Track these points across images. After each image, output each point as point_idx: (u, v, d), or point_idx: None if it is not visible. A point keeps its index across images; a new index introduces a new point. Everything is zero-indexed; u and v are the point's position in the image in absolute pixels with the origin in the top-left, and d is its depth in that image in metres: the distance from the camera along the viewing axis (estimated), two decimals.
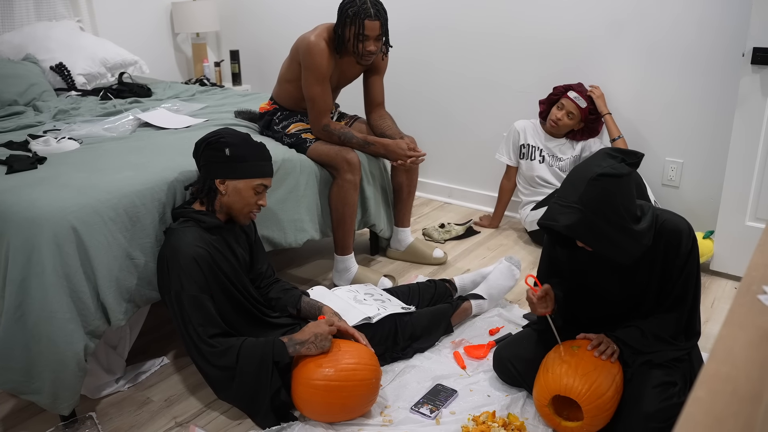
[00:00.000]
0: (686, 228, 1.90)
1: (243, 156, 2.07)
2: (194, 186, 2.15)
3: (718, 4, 2.92)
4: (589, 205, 1.74)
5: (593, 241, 1.78)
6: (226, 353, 1.96)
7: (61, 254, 1.88)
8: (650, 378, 1.91)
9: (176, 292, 1.97)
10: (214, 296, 2.02)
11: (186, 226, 2.05)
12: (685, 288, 1.93)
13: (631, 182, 1.79)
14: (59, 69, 3.52)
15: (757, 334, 0.94)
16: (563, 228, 1.77)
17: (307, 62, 2.64)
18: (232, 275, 2.09)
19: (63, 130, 2.72)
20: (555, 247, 2.10)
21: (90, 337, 1.96)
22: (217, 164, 2.06)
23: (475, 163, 3.85)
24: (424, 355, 2.36)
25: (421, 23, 3.81)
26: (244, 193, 2.09)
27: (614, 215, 1.75)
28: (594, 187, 1.74)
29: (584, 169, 1.79)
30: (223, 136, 2.07)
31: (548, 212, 1.83)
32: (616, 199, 1.75)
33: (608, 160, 1.79)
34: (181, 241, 1.99)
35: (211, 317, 1.98)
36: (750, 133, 2.75)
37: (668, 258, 1.91)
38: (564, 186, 1.83)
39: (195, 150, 2.13)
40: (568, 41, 3.35)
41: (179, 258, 1.97)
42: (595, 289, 2.04)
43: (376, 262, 3.17)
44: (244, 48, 4.72)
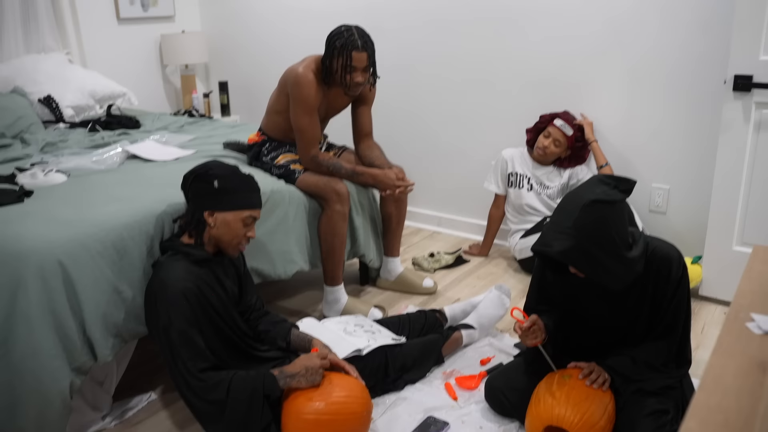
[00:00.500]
0: (676, 256, 1.91)
1: (232, 188, 2.07)
2: (182, 219, 2.14)
3: (700, 33, 2.97)
4: (582, 231, 1.75)
5: (586, 267, 1.79)
6: (216, 387, 1.93)
7: (46, 289, 1.86)
8: (643, 406, 1.90)
9: (164, 326, 1.94)
10: (203, 330, 2.00)
11: (174, 259, 2.04)
12: (676, 315, 1.93)
13: (623, 209, 1.81)
14: (47, 101, 3.52)
15: (746, 363, 0.94)
16: (557, 254, 1.77)
17: (296, 93, 2.66)
18: (221, 309, 2.07)
19: (50, 162, 2.71)
20: (546, 274, 2.10)
21: (76, 373, 1.93)
22: (205, 196, 2.06)
23: (464, 191, 3.87)
24: (415, 387, 2.34)
25: (409, 54, 3.85)
26: (233, 225, 2.08)
27: (607, 242, 1.76)
28: (587, 214, 1.75)
29: (577, 196, 1.80)
30: (211, 168, 2.07)
31: (542, 238, 1.83)
32: (609, 226, 1.76)
33: (601, 187, 1.81)
34: (170, 275, 1.98)
35: (200, 351, 1.96)
36: (734, 159, 2.78)
37: (659, 285, 1.91)
38: (557, 212, 1.84)
39: (183, 182, 2.12)
40: (553, 71, 3.39)
41: (167, 292, 1.95)
42: (586, 316, 2.04)
43: (366, 292, 3.15)
44: (233, 79, 4.74)
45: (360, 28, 2.62)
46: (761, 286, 1.19)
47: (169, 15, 4.59)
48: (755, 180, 2.76)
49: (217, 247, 2.13)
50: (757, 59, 2.64)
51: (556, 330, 2.08)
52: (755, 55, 2.64)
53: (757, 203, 2.78)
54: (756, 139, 2.73)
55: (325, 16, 4.12)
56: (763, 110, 2.69)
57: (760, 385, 0.87)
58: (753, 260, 1.28)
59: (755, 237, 2.81)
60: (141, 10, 4.41)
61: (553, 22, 3.33)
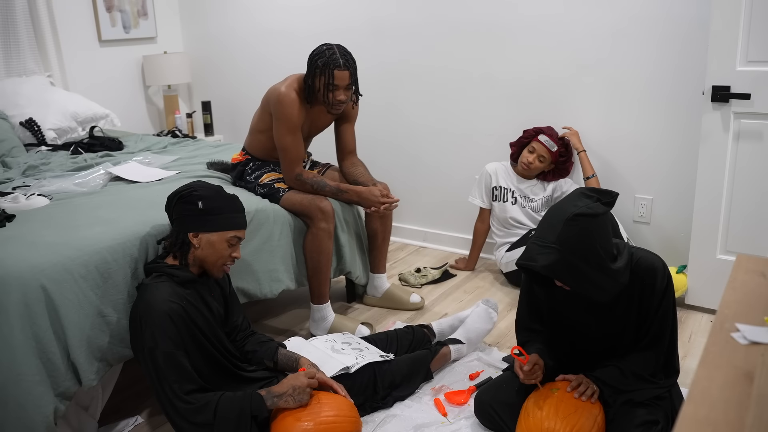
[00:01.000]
0: (661, 266, 1.92)
1: (216, 209, 2.06)
2: (167, 240, 2.12)
3: (678, 45, 3.02)
4: (566, 245, 1.75)
5: (571, 281, 1.79)
6: (203, 409, 1.91)
7: (29, 314, 1.84)
8: (632, 417, 1.90)
9: (149, 349, 1.92)
10: (189, 352, 1.98)
11: (159, 281, 2.02)
12: (662, 325, 1.94)
13: (607, 221, 1.82)
14: (29, 124, 3.49)
15: (732, 374, 0.94)
16: (542, 268, 1.78)
17: (278, 112, 2.66)
18: (207, 330, 2.06)
19: (32, 186, 2.69)
20: (533, 288, 2.10)
21: (60, 399, 1.90)
22: (190, 218, 2.05)
23: (449, 206, 3.88)
24: (404, 404, 2.33)
25: (391, 70, 3.87)
26: (218, 246, 2.07)
27: (591, 255, 1.77)
28: (571, 228, 1.76)
29: (561, 210, 1.81)
30: (195, 189, 2.06)
31: (526, 252, 1.84)
32: (593, 239, 1.76)
33: (584, 200, 1.82)
34: (154, 297, 1.96)
35: (186, 373, 1.94)
36: (715, 169, 2.81)
37: (644, 296, 1.92)
38: (541, 226, 1.84)
39: (167, 204, 2.11)
40: (535, 85, 3.43)
41: (152, 314, 1.93)
42: (574, 328, 2.04)
43: (353, 309, 3.14)
44: (216, 99, 4.74)
45: (341, 47, 2.64)
46: (745, 295, 1.20)
47: (151, 36, 4.59)
48: (736, 189, 2.79)
49: (201, 268, 2.11)
50: (734, 70, 2.68)
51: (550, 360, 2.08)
52: (732, 66, 2.68)
53: (738, 211, 2.81)
54: (735, 148, 2.77)
55: (307, 35, 4.14)
56: (742, 120, 2.73)
57: (747, 396, 0.87)
58: (736, 270, 1.29)
59: (738, 245, 2.84)
60: (123, 32, 4.41)
61: (535, 36, 3.37)
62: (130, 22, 4.44)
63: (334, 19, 4.01)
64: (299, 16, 4.15)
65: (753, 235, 2.80)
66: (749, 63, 2.66)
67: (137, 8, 4.47)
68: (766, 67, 2.63)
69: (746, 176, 2.77)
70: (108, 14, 4.30)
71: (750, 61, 2.66)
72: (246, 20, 4.42)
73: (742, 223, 2.82)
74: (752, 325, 1.09)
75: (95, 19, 4.24)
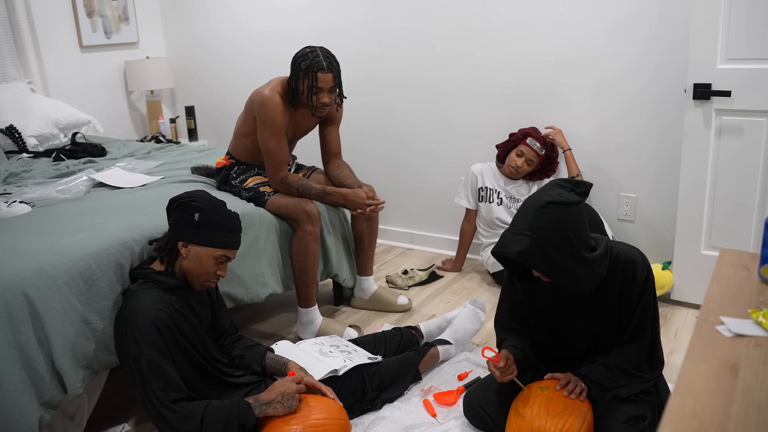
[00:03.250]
0: (640, 258, 1.93)
1: (211, 224, 2.03)
2: (159, 242, 2.11)
3: (659, 44, 3.04)
4: (538, 231, 1.77)
5: (545, 268, 1.80)
6: (190, 418, 1.89)
7: (12, 323, 1.82)
8: (619, 413, 1.91)
9: (134, 356, 1.90)
10: (175, 360, 1.96)
11: (145, 287, 2.00)
12: (644, 317, 1.95)
13: (580, 211, 1.83)
14: (9, 131, 3.46)
15: (718, 366, 0.95)
16: (514, 254, 1.79)
17: (262, 116, 2.65)
18: (193, 337, 2.04)
19: (14, 193, 2.66)
20: (514, 285, 2.11)
21: (45, 408, 1.88)
22: (183, 226, 2.02)
23: (435, 207, 3.88)
24: (393, 405, 2.33)
25: (375, 72, 3.87)
26: (205, 261, 2.04)
27: (564, 242, 1.78)
28: (543, 214, 1.77)
29: (534, 199, 1.83)
30: (196, 200, 2.03)
31: (500, 241, 1.85)
32: (565, 226, 1.78)
33: (557, 190, 1.84)
34: (140, 304, 1.94)
35: (171, 381, 1.92)
36: (698, 165, 2.84)
37: (624, 288, 1.93)
38: (516, 216, 1.86)
39: (168, 206, 2.10)
40: (519, 86, 3.44)
41: (137, 321, 1.91)
42: (556, 325, 2.05)
43: (341, 312, 3.14)
44: (200, 103, 4.72)
45: (325, 49, 2.63)
46: (729, 289, 1.21)
47: (133, 41, 4.57)
48: (719, 185, 2.82)
49: (184, 278, 2.09)
50: (715, 67, 2.71)
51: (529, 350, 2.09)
52: (712, 63, 2.71)
53: (721, 207, 2.84)
54: (718, 144, 2.79)
55: (290, 38, 4.13)
56: (723, 117, 2.76)
57: (733, 388, 0.88)
58: (720, 264, 1.30)
59: (722, 240, 2.87)
60: (104, 37, 4.38)
61: (519, 37, 3.38)
62: (111, 28, 4.42)
63: (318, 23, 4.00)
64: (282, 20, 4.15)
65: (736, 230, 2.83)
66: (729, 61, 2.69)
67: (118, 13, 4.45)
68: (745, 64, 2.66)
69: (728, 172, 2.79)
70: (89, 19, 4.27)
71: (730, 59, 2.69)
72: (228, 24, 4.41)
73: (725, 218, 2.84)
74: (736, 318, 1.09)
75: (76, 25, 4.21)
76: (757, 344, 1.01)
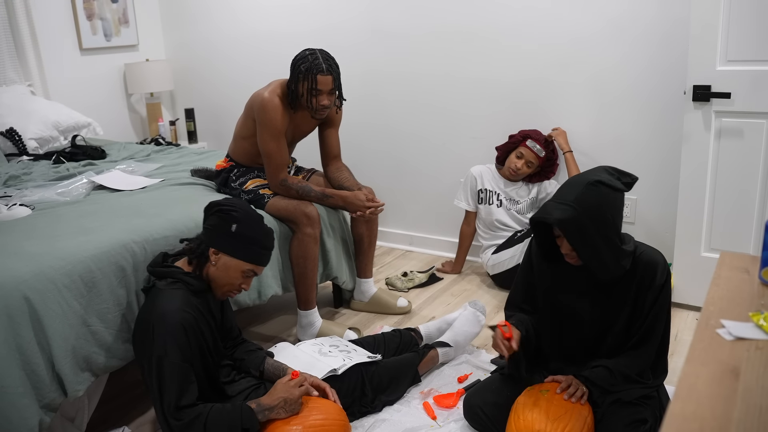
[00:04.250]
0: (662, 261, 1.95)
1: (247, 237, 2.02)
2: (190, 243, 2.10)
3: (659, 47, 3.04)
4: (583, 206, 1.80)
5: (579, 244, 1.82)
6: (193, 424, 1.88)
7: (12, 325, 1.81)
8: (621, 417, 1.91)
9: (159, 357, 1.89)
10: (193, 363, 1.95)
11: (175, 287, 1.99)
12: (655, 321, 1.95)
13: (622, 200, 1.87)
14: (10, 134, 3.46)
15: (718, 369, 0.95)
16: (555, 221, 1.81)
17: (262, 118, 2.65)
18: (211, 340, 2.04)
19: (14, 196, 2.66)
20: (532, 266, 2.11)
21: (45, 410, 1.87)
22: (218, 234, 2.02)
23: (435, 209, 3.88)
24: (393, 408, 2.32)
25: (375, 74, 3.87)
26: (232, 272, 2.04)
27: (602, 223, 1.81)
28: (590, 191, 1.81)
29: (583, 176, 1.87)
30: (235, 210, 2.03)
31: (542, 208, 1.87)
32: (607, 209, 1.82)
33: (606, 174, 1.88)
34: (170, 305, 1.93)
35: (188, 386, 1.91)
36: (697, 167, 2.84)
37: (642, 288, 1.94)
38: (561, 189, 1.89)
39: (206, 208, 2.10)
40: (518, 87, 3.44)
41: (166, 323, 1.90)
42: (568, 311, 2.04)
43: (340, 314, 3.13)
44: (199, 106, 4.72)
45: (324, 52, 2.63)
46: (729, 292, 1.21)
47: (133, 44, 4.57)
48: (719, 187, 2.82)
49: (209, 283, 2.09)
50: (714, 69, 2.71)
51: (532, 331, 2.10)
52: (712, 65, 2.71)
53: (721, 209, 2.84)
54: (717, 146, 2.79)
55: (289, 41, 4.13)
56: (723, 119, 2.76)
57: (734, 391, 0.88)
58: (720, 267, 1.30)
59: (722, 242, 2.87)
60: (104, 40, 4.38)
61: (518, 39, 3.38)
62: (111, 30, 4.42)
63: (318, 25, 4.01)
64: (281, 22, 4.15)
65: (736, 232, 2.83)
66: (729, 62, 2.69)
67: (118, 16, 4.45)
68: (745, 66, 2.67)
69: (728, 174, 2.80)
70: (89, 22, 4.27)
71: (730, 61, 2.69)
72: (228, 26, 4.41)
73: (725, 220, 2.84)
74: (737, 321, 1.09)
75: (76, 27, 4.21)
76: (757, 347, 1.01)
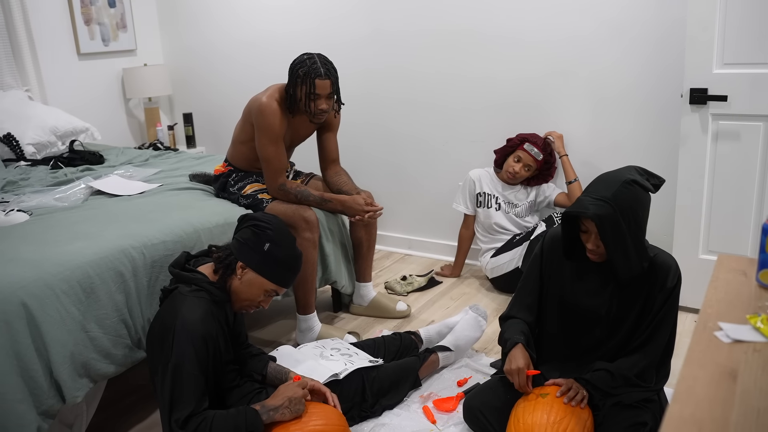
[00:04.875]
0: (675, 265, 1.97)
1: (278, 259, 2.01)
2: (219, 253, 2.07)
3: (656, 50, 3.05)
4: (619, 203, 1.83)
5: (611, 241, 1.85)
6: (197, 431, 1.87)
7: (10, 332, 1.81)
8: (621, 419, 1.91)
9: (176, 364, 1.87)
10: (207, 374, 1.94)
11: (198, 296, 1.97)
12: (662, 323, 1.95)
13: (649, 201, 1.91)
14: (7, 139, 3.46)
15: (716, 372, 0.95)
16: (593, 216, 1.83)
17: (260, 123, 2.65)
18: (225, 351, 2.03)
19: (12, 202, 2.66)
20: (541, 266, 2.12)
21: (43, 417, 1.87)
22: (249, 249, 2.00)
23: (433, 213, 3.88)
24: (393, 412, 2.32)
25: (373, 78, 3.88)
26: (255, 289, 2.02)
27: (635, 223, 1.85)
28: (627, 190, 1.85)
29: (617, 174, 1.90)
30: (271, 228, 2.01)
31: (577, 203, 1.89)
32: (639, 209, 1.87)
33: (637, 175, 1.91)
34: (194, 314, 1.91)
35: (199, 396, 1.89)
36: (695, 170, 2.85)
37: (653, 290, 1.95)
38: (594, 185, 1.91)
39: (240, 219, 2.09)
40: (516, 90, 3.45)
41: (189, 331, 1.88)
42: (575, 311, 2.05)
43: (340, 318, 3.13)
44: (197, 110, 4.72)
45: (322, 56, 2.64)
46: (727, 294, 1.21)
47: (131, 49, 4.57)
48: (716, 189, 2.83)
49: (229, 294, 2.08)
50: (711, 73, 2.72)
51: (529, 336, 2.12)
52: (708, 68, 2.72)
53: (719, 212, 2.84)
54: (714, 149, 2.80)
55: (287, 45, 4.14)
56: (720, 121, 2.76)
57: (732, 394, 0.88)
58: (718, 269, 1.30)
59: (720, 244, 2.87)
60: (102, 45, 4.38)
61: (515, 43, 3.39)
62: (109, 35, 4.42)
63: (316, 29, 4.01)
64: (280, 27, 4.16)
65: (734, 234, 2.83)
66: (725, 65, 2.70)
67: (116, 21, 4.46)
68: (741, 69, 2.67)
69: (725, 177, 2.80)
70: (86, 27, 4.28)
71: (726, 64, 2.70)
72: (226, 31, 4.42)
73: (723, 222, 2.85)
74: (735, 324, 1.09)
75: (73, 32, 4.22)
76: (755, 350, 1.01)
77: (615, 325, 2.01)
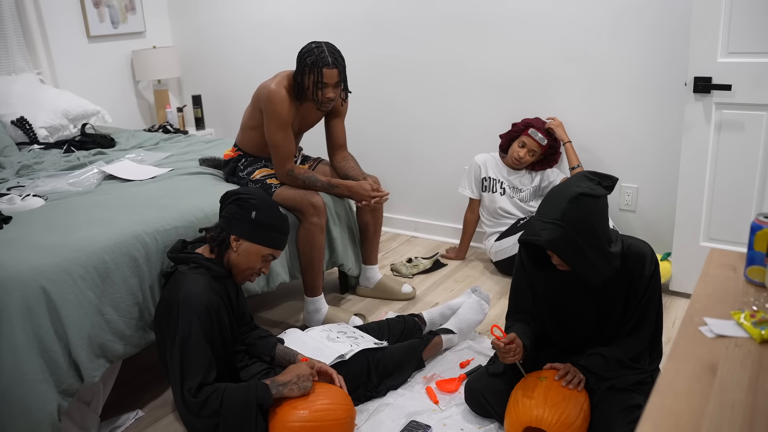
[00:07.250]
0: (650, 252, 2.00)
1: (266, 224, 2.13)
2: (210, 232, 2.19)
3: (661, 38, 3.07)
4: (569, 222, 1.83)
5: (571, 258, 1.86)
6: (209, 401, 1.97)
7: (30, 315, 1.89)
8: (615, 402, 1.98)
9: (183, 337, 1.99)
10: (214, 346, 2.05)
11: (198, 272, 2.09)
12: (647, 309, 2.01)
13: (605, 205, 1.91)
14: (20, 123, 3.52)
15: (698, 366, 1.01)
16: (545, 243, 1.84)
17: (269, 110, 2.70)
18: (228, 325, 2.14)
19: (27, 186, 2.72)
20: (525, 273, 2.16)
21: (63, 396, 1.96)
22: (238, 222, 2.12)
23: (439, 196, 3.93)
24: (397, 392, 2.40)
25: (379, 63, 3.91)
26: (253, 257, 2.15)
27: (591, 234, 1.85)
28: (575, 205, 1.83)
29: (564, 189, 1.88)
30: (253, 198, 2.14)
31: (529, 228, 1.90)
32: (593, 219, 1.85)
33: (586, 182, 1.90)
34: (195, 287, 2.03)
35: (209, 366, 2.01)
36: (697, 158, 2.88)
37: (633, 281, 2.00)
38: (544, 204, 1.91)
39: (222, 199, 2.21)
40: (522, 76, 3.47)
41: (193, 303, 2.00)
42: (564, 314, 2.11)
43: (346, 300, 3.21)
44: (206, 92, 4.76)
45: (330, 45, 2.67)
46: (715, 289, 1.26)
47: (140, 31, 4.61)
48: (718, 178, 2.86)
49: (229, 269, 2.18)
50: (715, 61, 2.74)
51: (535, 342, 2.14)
52: (713, 57, 2.74)
53: (720, 200, 2.88)
54: (717, 138, 2.83)
55: (297, 28, 4.16)
56: (723, 110, 2.79)
57: (709, 386, 0.94)
58: (708, 264, 1.35)
59: (720, 232, 2.92)
60: (111, 27, 4.42)
61: (523, 29, 3.41)
62: (118, 17, 4.46)
63: (325, 12, 4.03)
64: (289, 9, 4.18)
65: (734, 222, 2.87)
66: (730, 54, 2.72)
67: (125, 3, 4.48)
68: (746, 58, 2.69)
69: (728, 165, 2.83)
70: (96, 10, 4.31)
71: (731, 53, 2.71)
72: (235, 13, 4.44)
73: (724, 211, 2.89)
74: (719, 319, 1.15)
75: (83, 15, 4.26)
76: (736, 345, 1.06)
77: (603, 322, 2.07)
